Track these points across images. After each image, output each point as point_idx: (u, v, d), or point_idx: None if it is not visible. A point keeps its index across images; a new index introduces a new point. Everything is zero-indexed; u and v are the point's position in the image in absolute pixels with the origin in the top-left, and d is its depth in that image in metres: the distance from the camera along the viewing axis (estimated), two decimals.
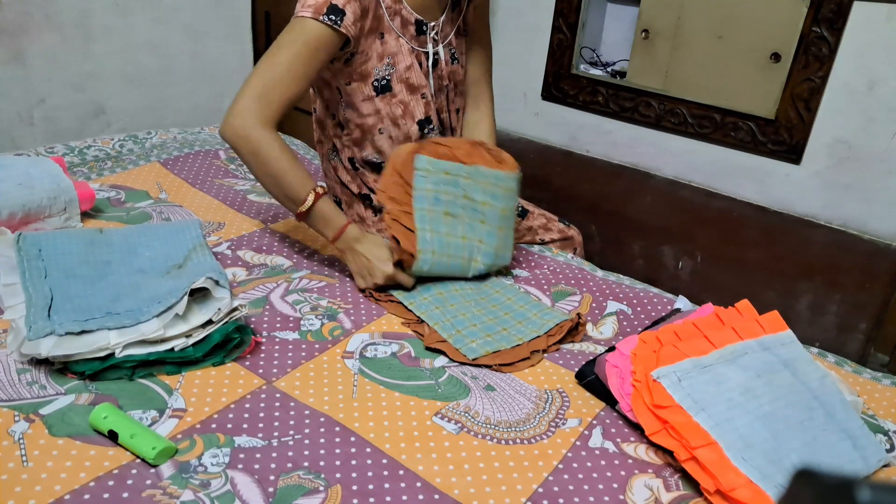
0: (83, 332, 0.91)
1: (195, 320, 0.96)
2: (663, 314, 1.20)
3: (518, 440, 0.89)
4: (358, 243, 1.17)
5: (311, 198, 1.15)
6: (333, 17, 1.12)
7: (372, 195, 1.37)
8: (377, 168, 1.35)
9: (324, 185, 1.22)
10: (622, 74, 1.62)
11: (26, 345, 0.89)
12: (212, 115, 2.23)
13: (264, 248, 1.31)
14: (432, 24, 1.28)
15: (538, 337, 1.10)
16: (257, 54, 2.31)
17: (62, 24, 1.84)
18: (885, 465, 0.91)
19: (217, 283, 0.99)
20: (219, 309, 0.97)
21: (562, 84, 1.70)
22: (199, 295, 0.99)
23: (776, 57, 1.37)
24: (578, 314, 1.14)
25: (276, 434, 0.85)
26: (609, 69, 1.66)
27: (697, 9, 1.45)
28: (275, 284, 1.19)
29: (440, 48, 1.31)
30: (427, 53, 1.29)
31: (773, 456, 0.83)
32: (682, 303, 1.21)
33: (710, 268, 1.58)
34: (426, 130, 1.32)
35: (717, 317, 1.04)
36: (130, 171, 1.59)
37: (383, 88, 1.26)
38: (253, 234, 1.36)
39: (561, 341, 1.11)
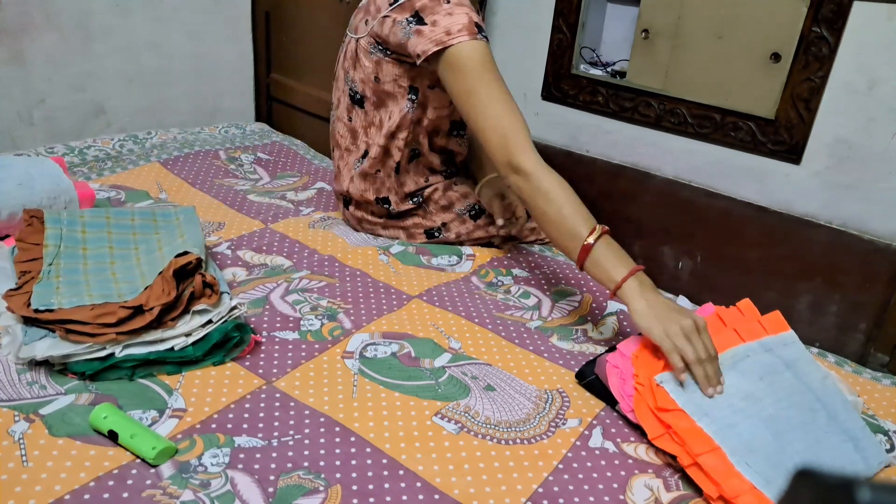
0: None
1: (195, 320, 0.96)
2: None
3: (518, 440, 0.89)
4: (648, 290, 0.96)
5: (597, 230, 1.00)
6: (484, 34, 1.16)
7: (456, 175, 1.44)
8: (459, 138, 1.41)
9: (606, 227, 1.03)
10: (622, 74, 1.62)
11: (23, 349, 0.89)
12: (212, 115, 2.23)
13: (264, 248, 1.31)
14: None
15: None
16: (257, 55, 2.31)
17: (62, 24, 1.84)
18: (885, 466, 0.91)
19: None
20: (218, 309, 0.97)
21: (562, 84, 1.69)
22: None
23: (776, 57, 1.37)
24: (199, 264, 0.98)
25: (276, 434, 0.85)
26: (609, 69, 1.66)
27: (697, 9, 1.45)
28: (275, 284, 1.19)
29: None
30: None
31: (775, 459, 0.83)
32: (682, 303, 1.21)
33: (710, 268, 1.58)
34: (454, 133, 1.39)
35: (719, 317, 1.05)
36: (130, 171, 1.59)
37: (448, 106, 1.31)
38: (253, 234, 1.36)
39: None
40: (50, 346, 0.89)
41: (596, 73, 1.67)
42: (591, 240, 0.99)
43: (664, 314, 0.91)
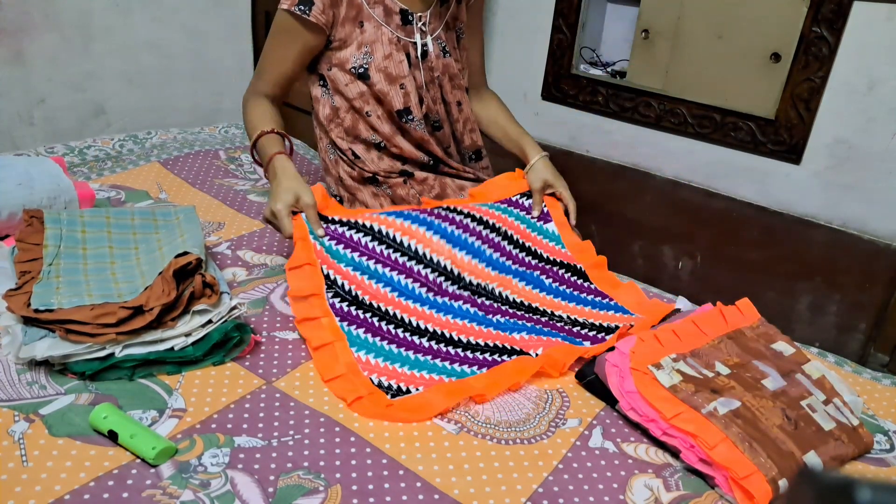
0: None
1: (195, 320, 0.96)
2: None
3: (518, 440, 0.89)
4: (281, 173, 1.15)
5: (255, 134, 1.22)
6: (302, 7, 1.22)
7: (377, 176, 1.37)
8: (376, 147, 1.36)
9: (275, 128, 1.23)
10: (622, 74, 1.62)
11: (23, 349, 0.89)
12: (212, 115, 2.23)
13: (264, 248, 1.31)
14: (419, 14, 1.29)
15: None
16: (257, 54, 2.31)
17: (62, 24, 1.84)
18: (884, 466, 0.92)
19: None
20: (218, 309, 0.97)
21: (562, 84, 1.70)
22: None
23: (776, 57, 1.37)
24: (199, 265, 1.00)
25: (275, 434, 0.85)
26: (609, 69, 1.66)
27: (697, 9, 1.45)
28: (275, 284, 1.19)
29: (429, 40, 1.32)
30: (415, 44, 1.30)
31: None
32: (682, 303, 1.21)
33: (710, 268, 1.58)
34: (405, 120, 1.33)
35: (721, 315, 1.05)
36: (130, 171, 1.59)
37: (360, 77, 1.28)
38: (253, 234, 1.36)
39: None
40: (50, 346, 0.89)
41: (596, 73, 1.67)
42: (254, 137, 1.23)
43: (271, 197, 1.13)
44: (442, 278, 1.15)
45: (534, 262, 1.27)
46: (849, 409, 0.95)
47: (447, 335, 1.07)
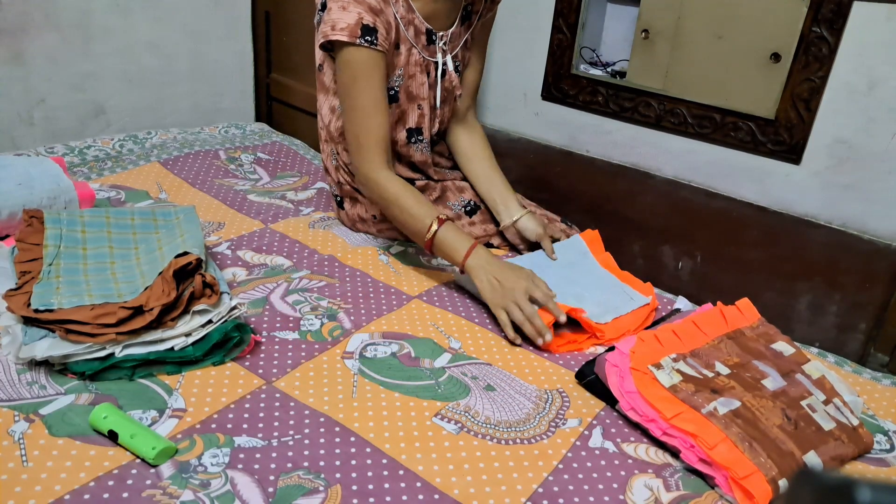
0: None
1: (195, 320, 0.96)
2: (663, 314, 1.20)
3: (518, 440, 0.89)
4: (489, 264, 1.13)
5: (428, 228, 1.16)
6: (369, 38, 1.15)
7: None
8: None
9: (440, 216, 1.18)
10: (622, 74, 1.62)
11: (23, 349, 0.89)
12: (212, 115, 2.23)
13: (264, 248, 1.31)
14: (441, 33, 1.28)
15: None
16: (257, 54, 2.31)
17: (62, 24, 1.84)
18: (884, 466, 0.92)
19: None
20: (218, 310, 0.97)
21: (562, 84, 1.70)
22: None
23: (776, 57, 1.37)
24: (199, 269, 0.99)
25: (276, 434, 0.85)
26: (609, 69, 1.66)
27: (697, 9, 1.45)
28: (275, 284, 1.19)
29: (448, 59, 1.31)
30: (436, 63, 1.29)
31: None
32: (682, 303, 1.21)
33: (710, 268, 1.58)
34: (412, 140, 1.33)
35: (721, 314, 1.05)
36: (130, 171, 1.59)
37: (391, 98, 1.26)
38: (253, 234, 1.36)
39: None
40: (50, 346, 0.89)
41: (596, 73, 1.67)
42: (429, 235, 1.17)
43: (501, 291, 1.10)
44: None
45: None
46: (849, 409, 0.95)
47: None
